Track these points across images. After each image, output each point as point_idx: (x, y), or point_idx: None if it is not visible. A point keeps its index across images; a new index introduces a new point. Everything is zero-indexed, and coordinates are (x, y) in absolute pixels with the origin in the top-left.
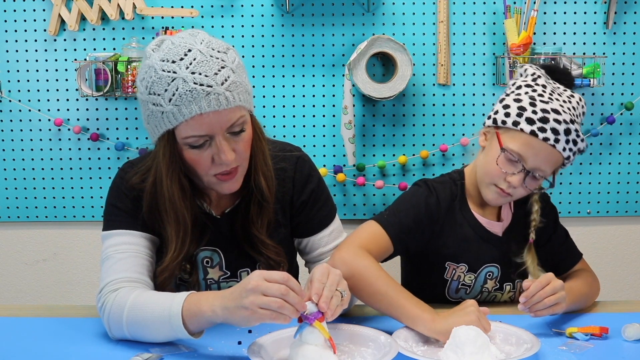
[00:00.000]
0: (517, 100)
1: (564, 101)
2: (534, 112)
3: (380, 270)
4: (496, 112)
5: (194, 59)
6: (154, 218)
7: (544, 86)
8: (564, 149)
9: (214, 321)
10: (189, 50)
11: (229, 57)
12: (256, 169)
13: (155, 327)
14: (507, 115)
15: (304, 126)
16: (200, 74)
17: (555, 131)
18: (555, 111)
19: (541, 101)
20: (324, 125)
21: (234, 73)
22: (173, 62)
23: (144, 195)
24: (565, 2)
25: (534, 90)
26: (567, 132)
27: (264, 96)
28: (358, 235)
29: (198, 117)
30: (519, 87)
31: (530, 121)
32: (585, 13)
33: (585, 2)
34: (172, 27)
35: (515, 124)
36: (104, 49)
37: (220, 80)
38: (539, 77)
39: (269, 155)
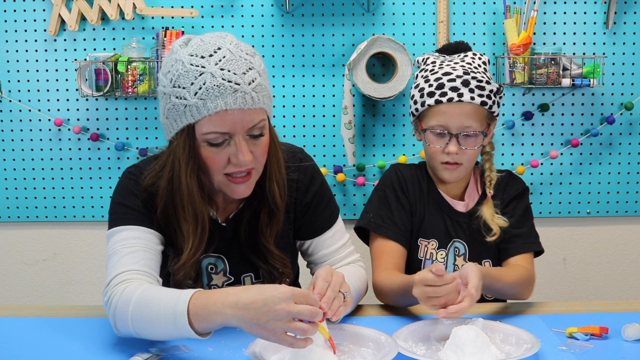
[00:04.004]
0: (417, 87)
1: (455, 62)
2: (430, 85)
3: (390, 276)
4: (410, 107)
5: (224, 57)
6: (168, 218)
7: (433, 62)
8: (473, 98)
9: (227, 326)
10: (219, 48)
11: (256, 61)
12: (270, 177)
13: (160, 326)
14: (415, 102)
15: (304, 126)
16: (229, 71)
17: (454, 89)
18: (447, 73)
19: (433, 74)
20: (324, 125)
21: (260, 76)
22: (202, 57)
23: (159, 193)
24: (565, 2)
25: (425, 70)
26: (466, 83)
27: None
28: (375, 262)
29: (222, 113)
30: (416, 77)
31: (431, 94)
32: (585, 13)
33: (585, 2)
34: (172, 27)
35: (423, 104)
36: (104, 49)
37: (248, 80)
38: (428, 58)
39: (283, 165)
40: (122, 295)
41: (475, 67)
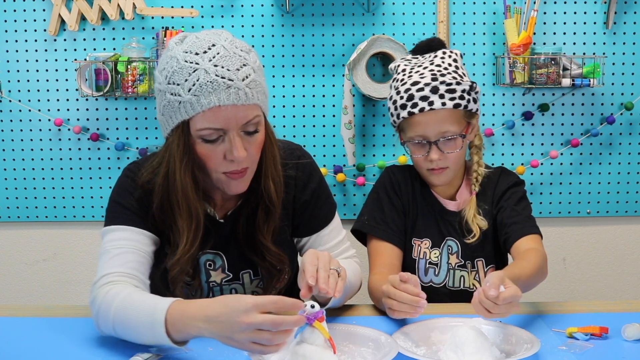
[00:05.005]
0: (390, 99)
1: (425, 67)
2: (401, 97)
3: (379, 281)
4: (390, 118)
5: (218, 53)
6: (164, 214)
7: (403, 71)
8: (444, 104)
9: (201, 337)
10: (213, 45)
11: (251, 57)
12: (266, 174)
13: (139, 331)
14: (392, 115)
15: (304, 126)
16: (222, 67)
17: (424, 98)
18: (415, 83)
19: (402, 84)
20: (324, 125)
21: (255, 73)
22: (196, 54)
23: (155, 189)
24: (565, 2)
25: (396, 80)
26: (435, 90)
27: None
28: (370, 264)
29: (216, 109)
30: (390, 87)
31: (403, 106)
32: (585, 13)
33: (585, 2)
34: (172, 27)
35: (398, 116)
36: (104, 49)
37: (242, 76)
38: (399, 65)
39: (280, 162)
40: (105, 297)
41: (444, 69)
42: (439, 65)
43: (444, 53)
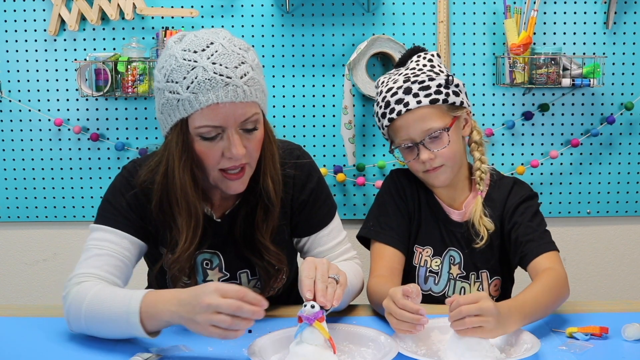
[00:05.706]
0: (374, 113)
1: (400, 74)
2: (380, 106)
3: (379, 284)
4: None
5: (216, 51)
6: (163, 213)
7: (382, 83)
8: (419, 102)
9: (173, 324)
10: (212, 43)
11: (250, 55)
12: (265, 172)
13: (112, 324)
14: (380, 128)
15: (304, 126)
16: (220, 64)
17: (399, 101)
18: (389, 89)
19: (380, 95)
20: (324, 125)
21: (253, 70)
22: (195, 52)
23: (154, 188)
24: (565, 2)
25: (377, 94)
26: (408, 90)
27: None
28: (371, 266)
29: (214, 107)
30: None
31: (383, 115)
32: (585, 13)
33: (585, 2)
34: (172, 27)
35: (382, 127)
36: (104, 49)
37: (240, 74)
38: (380, 79)
39: (279, 160)
40: (77, 293)
41: (419, 70)
42: (413, 69)
43: (419, 56)
